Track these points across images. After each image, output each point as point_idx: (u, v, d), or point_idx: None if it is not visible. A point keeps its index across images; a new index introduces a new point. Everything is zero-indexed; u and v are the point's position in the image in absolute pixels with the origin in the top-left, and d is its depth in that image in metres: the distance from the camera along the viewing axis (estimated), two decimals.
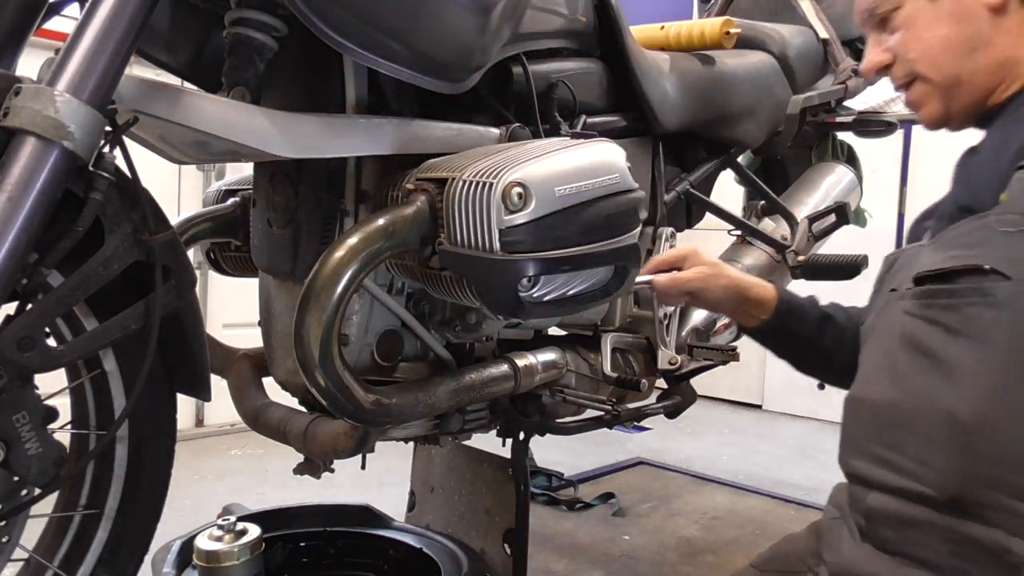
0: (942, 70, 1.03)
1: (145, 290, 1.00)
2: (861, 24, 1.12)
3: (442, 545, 1.54)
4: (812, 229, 1.92)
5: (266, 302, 1.38)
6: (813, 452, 3.07)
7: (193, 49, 1.27)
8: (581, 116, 1.43)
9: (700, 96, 1.66)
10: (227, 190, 1.58)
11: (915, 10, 1.03)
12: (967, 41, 1.00)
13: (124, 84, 0.94)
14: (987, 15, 0.99)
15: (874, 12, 1.07)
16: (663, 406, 1.63)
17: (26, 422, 0.95)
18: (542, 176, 1.03)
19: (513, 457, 1.56)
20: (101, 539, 1.13)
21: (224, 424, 3.23)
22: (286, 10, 1.02)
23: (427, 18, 1.08)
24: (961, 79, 1.02)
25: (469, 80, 1.17)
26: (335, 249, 1.02)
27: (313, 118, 1.08)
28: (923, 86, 1.06)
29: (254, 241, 1.35)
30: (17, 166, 0.87)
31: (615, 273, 1.12)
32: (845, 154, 2.24)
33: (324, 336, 1.01)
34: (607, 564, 2.10)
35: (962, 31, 1.00)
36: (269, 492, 2.59)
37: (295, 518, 1.63)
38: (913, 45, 1.04)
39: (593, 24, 1.47)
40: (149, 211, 0.99)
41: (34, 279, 0.94)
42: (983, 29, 0.99)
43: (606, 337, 1.46)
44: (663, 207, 1.61)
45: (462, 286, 1.07)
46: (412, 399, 1.16)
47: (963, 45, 1.01)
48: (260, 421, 1.36)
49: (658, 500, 2.61)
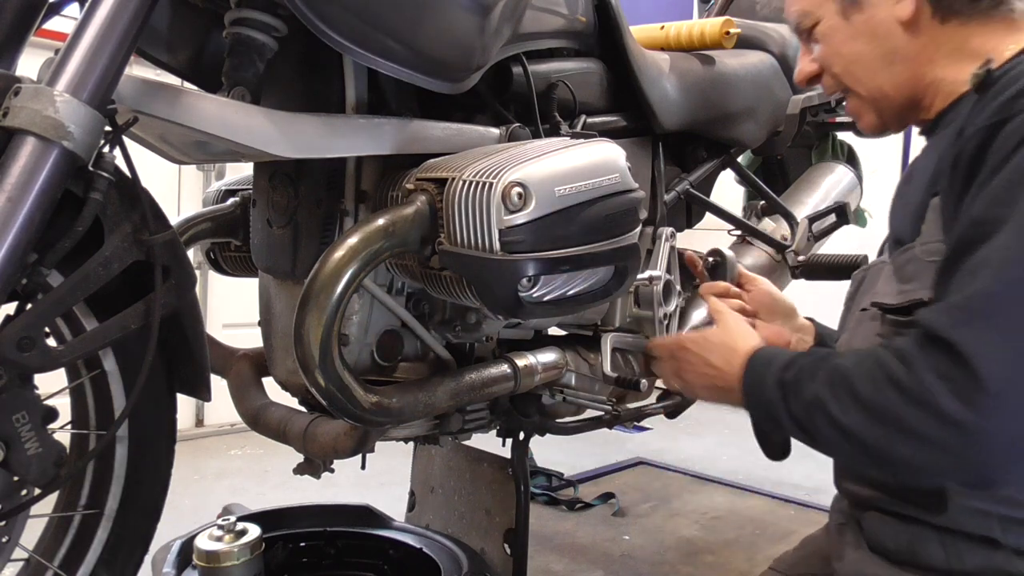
0: (864, 84, 1.04)
1: (145, 290, 1.00)
2: (793, 32, 1.12)
3: (442, 545, 1.54)
4: (812, 229, 1.92)
5: (266, 302, 1.38)
6: (813, 452, 3.04)
7: (193, 49, 1.27)
8: (581, 116, 1.43)
9: (700, 96, 1.66)
10: (227, 190, 1.58)
11: (830, 27, 1.04)
12: (883, 56, 1.01)
13: (124, 84, 0.95)
14: (900, 30, 0.99)
15: (798, 26, 1.08)
16: (663, 406, 1.63)
17: (26, 422, 0.95)
18: (542, 176, 1.03)
19: (513, 457, 1.56)
20: (101, 539, 1.13)
21: (224, 424, 3.23)
22: (286, 10, 1.02)
23: (427, 18, 1.08)
24: (885, 92, 1.03)
25: (469, 80, 1.17)
26: (335, 249, 1.02)
27: (313, 118, 1.08)
28: (854, 98, 1.07)
29: (254, 241, 1.35)
30: (17, 166, 0.87)
31: (615, 273, 1.12)
32: (845, 154, 2.24)
33: (324, 336, 1.01)
34: (607, 564, 2.09)
35: (877, 47, 1.01)
36: (269, 492, 2.59)
37: (295, 518, 1.63)
38: (834, 60, 1.05)
39: (593, 24, 1.47)
40: (149, 211, 0.99)
41: (34, 279, 0.94)
42: (898, 44, 1.00)
43: (606, 337, 1.46)
44: (663, 207, 1.61)
45: (462, 286, 1.07)
46: (412, 399, 1.16)
47: (879, 60, 1.01)
48: (260, 421, 1.36)
49: (658, 500, 2.61)
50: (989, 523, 0.88)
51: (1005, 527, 0.87)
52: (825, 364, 0.90)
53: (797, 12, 1.07)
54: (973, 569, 0.89)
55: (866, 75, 1.03)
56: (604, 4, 1.46)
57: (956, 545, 0.90)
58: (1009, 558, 0.87)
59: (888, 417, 0.81)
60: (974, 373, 0.76)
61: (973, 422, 0.76)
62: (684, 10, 3.52)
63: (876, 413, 0.82)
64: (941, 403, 0.78)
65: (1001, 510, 0.87)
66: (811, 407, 0.89)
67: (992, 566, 0.88)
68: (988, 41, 0.95)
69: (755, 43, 1.89)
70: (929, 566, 0.92)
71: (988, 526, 0.88)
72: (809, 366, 0.91)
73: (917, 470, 0.84)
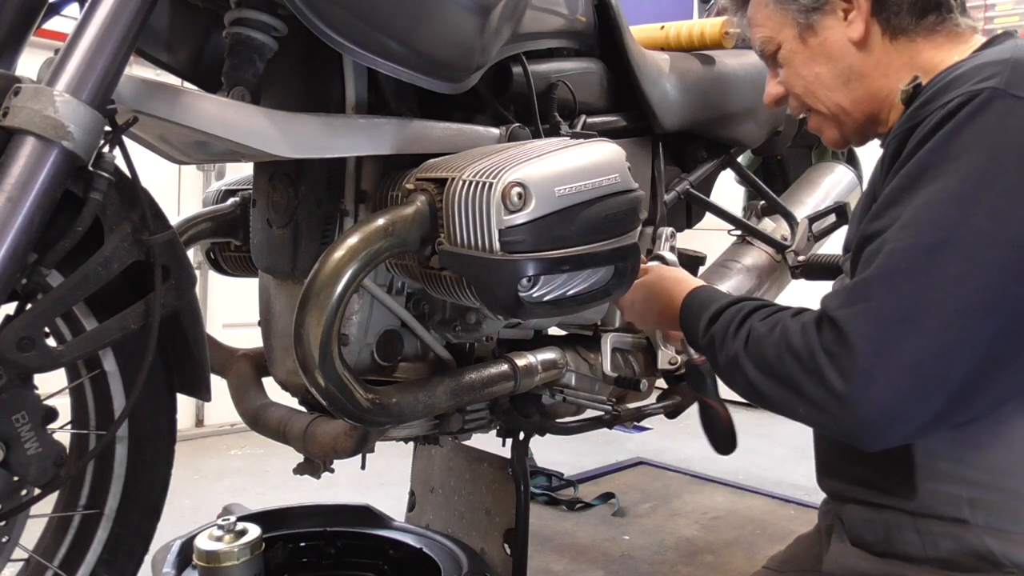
0: (825, 103, 1.09)
1: (145, 290, 1.00)
2: (759, 58, 1.18)
3: (442, 545, 1.54)
4: (812, 229, 1.92)
5: (266, 302, 1.38)
6: (813, 452, 3.05)
7: (193, 49, 1.27)
8: (581, 116, 1.43)
9: (700, 96, 1.66)
10: (227, 190, 1.58)
11: (791, 51, 1.10)
12: (840, 75, 1.07)
13: (124, 84, 0.94)
14: (853, 50, 1.05)
15: (762, 52, 1.14)
16: (663, 406, 1.63)
17: (26, 422, 0.95)
18: (542, 176, 1.03)
19: (513, 457, 1.56)
20: (101, 539, 1.13)
21: (224, 424, 3.23)
22: (286, 10, 1.02)
23: (427, 18, 1.08)
24: (845, 109, 1.08)
25: (469, 80, 1.17)
26: (335, 249, 1.02)
27: (313, 118, 1.08)
28: (816, 116, 1.13)
29: (254, 241, 1.35)
30: (17, 166, 0.87)
31: (615, 273, 1.12)
32: (845, 154, 2.23)
33: (324, 336, 1.01)
34: (607, 564, 2.09)
35: (833, 67, 1.07)
36: (269, 492, 2.59)
37: (295, 518, 1.63)
38: (796, 82, 1.11)
39: (593, 24, 1.47)
40: (149, 211, 0.99)
41: (34, 279, 0.94)
42: (853, 63, 1.06)
43: (606, 337, 1.46)
44: (663, 207, 1.61)
45: (462, 286, 1.07)
46: (412, 399, 1.16)
47: (837, 79, 1.07)
48: (260, 421, 1.36)
49: (658, 500, 2.61)
50: (959, 505, 0.93)
51: (973, 507, 0.92)
52: (744, 323, 1.00)
53: (760, 39, 1.13)
54: (947, 554, 0.94)
55: (825, 94, 1.09)
56: (604, 4, 1.46)
57: (930, 530, 0.95)
58: (980, 537, 0.91)
59: (788, 381, 0.91)
60: (851, 350, 0.85)
61: (848, 393, 0.85)
62: (684, 10, 3.52)
63: (779, 377, 0.92)
64: (826, 375, 0.87)
65: (969, 492, 0.92)
66: (731, 363, 1.00)
67: (964, 548, 0.92)
68: (936, 55, 1.02)
69: None
70: (906, 554, 0.97)
71: (958, 507, 0.93)
72: (735, 321, 1.01)
73: (815, 427, 0.99)
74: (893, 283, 0.85)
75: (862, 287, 0.88)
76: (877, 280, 0.87)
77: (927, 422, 0.86)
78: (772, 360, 0.93)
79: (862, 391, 0.84)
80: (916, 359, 0.83)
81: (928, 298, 0.83)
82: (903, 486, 0.96)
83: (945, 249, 0.84)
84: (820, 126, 1.14)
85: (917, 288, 0.84)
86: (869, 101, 1.06)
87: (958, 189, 0.84)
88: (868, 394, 0.84)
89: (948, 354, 0.83)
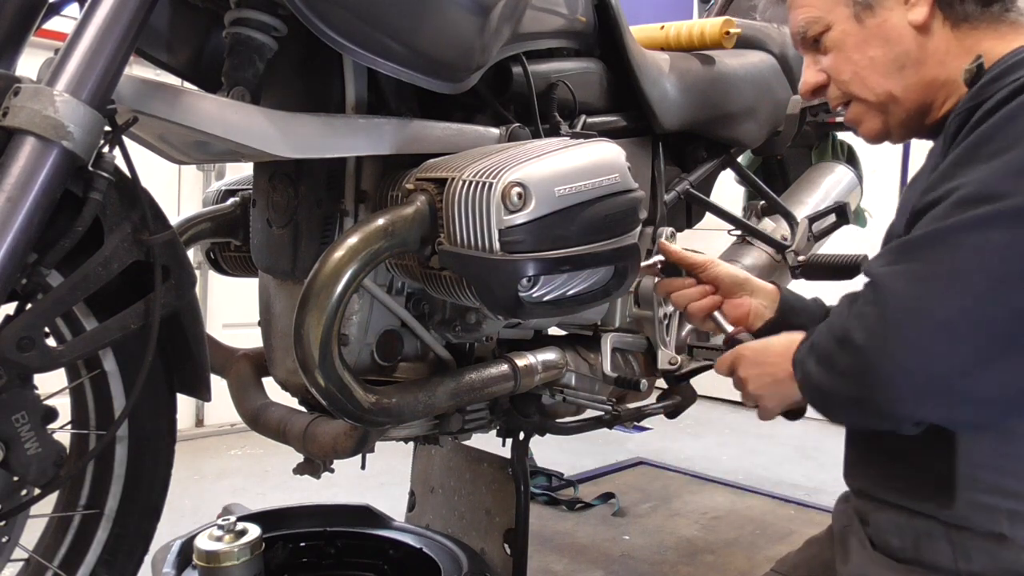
0: (875, 90, 1.04)
1: (145, 290, 1.00)
2: (795, 45, 1.13)
3: (442, 545, 1.54)
4: (812, 229, 1.92)
5: (266, 302, 1.38)
6: (813, 452, 3.06)
7: (193, 49, 1.27)
8: (581, 116, 1.43)
9: (700, 96, 1.66)
10: (227, 190, 1.58)
11: (843, 32, 1.04)
12: (895, 60, 1.02)
13: (124, 84, 0.94)
14: (913, 34, 1.01)
15: (805, 35, 1.08)
16: (663, 406, 1.63)
17: (26, 422, 0.95)
18: (542, 176, 1.03)
19: (513, 457, 1.56)
20: (101, 539, 1.13)
21: (224, 424, 3.23)
22: (286, 10, 1.02)
23: (427, 18, 1.08)
24: (895, 96, 1.03)
25: (469, 80, 1.17)
26: (335, 249, 1.02)
27: (313, 118, 1.08)
28: (859, 105, 1.07)
29: (254, 241, 1.35)
30: (17, 166, 0.87)
31: (615, 273, 1.12)
32: (845, 154, 2.23)
33: (324, 336, 1.01)
34: (607, 564, 2.09)
35: (889, 51, 1.02)
36: (269, 492, 2.58)
37: (295, 518, 1.63)
38: (844, 67, 1.05)
39: (593, 24, 1.47)
40: (149, 211, 0.99)
41: (34, 279, 0.94)
42: (910, 48, 1.01)
43: (606, 337, 1.46)
44: (663, 207, 1.61)
45: (462, 286, 1.07)
46: (412, 399, 1.16)
47: (892, 64, 1.02)
48: (260, 421, 1.36)
49: (658, 500, 2.61)
50: (996, 518, 0.88)
51: (1013, 521, 0.88)
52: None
53: (805, 19, 1.06)
54: (980, 568, 0.89)
55: (877, 80, 1.03)
56: (604, 4, 1.46)
57: (963, 542, 0.90)
58: (1017, 555, 0.87)
59: (828, 363, 0.89)
60: (883, 304, 0.84)
61: (871, 347, 0.83)
62: (684, 10, 3.52)
63: (826, 363, 0.90)
64: (852, 334, 0.85)
65: (1009, 504, 0.88)
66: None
67: (999, 564, 0.88)
68: (998, 44, 0.98)
69: (755, 43, 1.89)
70: (935, 565, 0.92)
71: (996, 521, 0.88)
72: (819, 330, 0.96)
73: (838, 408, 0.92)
74: (936, 246, 0.84)
75: (906, 247, 0.86)
76: (921, 242, 0.85)
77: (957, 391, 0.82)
78: (823, 348, 0.91)
79: (887, 345, 0.82)
80: (949, 316, 0.80)
81: (971, 261, 0.81)
82: (941, 494, 0.92)
83: (993, 219, 0.81)
84: (861, 116, 1.08)
85: (960, 251, 0.82)
86: (922, 89, 1.02)
87: (1015, 163, 0.82)
88: (895, 350, 0.82)
89: (985, 317, 0.80)
